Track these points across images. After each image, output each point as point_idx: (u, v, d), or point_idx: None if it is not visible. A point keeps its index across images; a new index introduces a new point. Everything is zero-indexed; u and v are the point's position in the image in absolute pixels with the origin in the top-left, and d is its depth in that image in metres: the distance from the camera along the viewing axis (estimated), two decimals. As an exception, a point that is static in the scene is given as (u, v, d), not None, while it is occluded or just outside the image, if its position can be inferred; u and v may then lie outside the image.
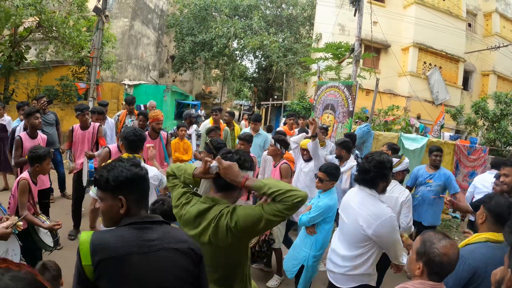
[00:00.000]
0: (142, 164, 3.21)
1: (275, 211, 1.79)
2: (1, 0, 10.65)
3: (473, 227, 3.25)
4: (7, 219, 2.50)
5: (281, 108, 18.64)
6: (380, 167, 2.62)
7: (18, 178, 3.51)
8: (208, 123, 6.78)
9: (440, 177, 5.03)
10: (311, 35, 23.40)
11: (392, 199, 3.60)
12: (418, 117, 16.91)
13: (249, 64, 31.43)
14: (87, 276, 1.42)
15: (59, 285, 2.52)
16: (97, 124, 5.55)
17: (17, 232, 2.66)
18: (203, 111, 20.10)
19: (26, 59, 12.61)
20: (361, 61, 10.80)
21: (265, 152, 5.14)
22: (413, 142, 7.36)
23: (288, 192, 1.78)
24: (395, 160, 4.54)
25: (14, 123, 6.75)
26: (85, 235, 1.48)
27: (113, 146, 4.36)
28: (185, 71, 24.48)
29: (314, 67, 16.38)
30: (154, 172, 3.32)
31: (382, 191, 2.71)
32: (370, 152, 2.92)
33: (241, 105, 41.66)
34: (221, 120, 6.84)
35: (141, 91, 15.72)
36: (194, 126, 7.04)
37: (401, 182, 3.91)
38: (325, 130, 6.95)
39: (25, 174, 3.51)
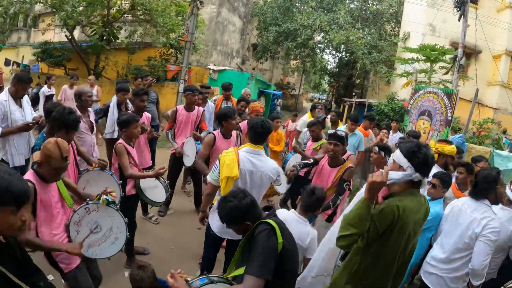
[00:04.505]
0: (264, 155, 3.29)
1: None
2: None
3: None
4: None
5: (363, 107, 17.94)
6: (486, 181, 3.03)
7: (114, 145, 3.78)
8: (307, 117, 6.84)
9: None
10: (396, 33, 22.47)
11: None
12: (504, 132, 15.60)
13: (331, 58, 30.74)
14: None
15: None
16: (201, 108, 5.69)
17: (112, 201, 2.74)
18: (279, 100, 20.20)
19: (118, 39, 13.48)
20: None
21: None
22: (505, 161, 6.89)
23: None
24: None
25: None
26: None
27: (217, 132, 4.41)
28: (266, 60, 24.76)
29: (401, 67, 15.76)
30: (274, 165, 3.20)
31: (494, 202, 3.09)
32: (483, 168, 3.45)
33: (318, 99, 41.01)
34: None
35: (225, 76, 16.00)
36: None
37: None
38: (417, 138, 6.75)
39: (120, 140, 3.77)
